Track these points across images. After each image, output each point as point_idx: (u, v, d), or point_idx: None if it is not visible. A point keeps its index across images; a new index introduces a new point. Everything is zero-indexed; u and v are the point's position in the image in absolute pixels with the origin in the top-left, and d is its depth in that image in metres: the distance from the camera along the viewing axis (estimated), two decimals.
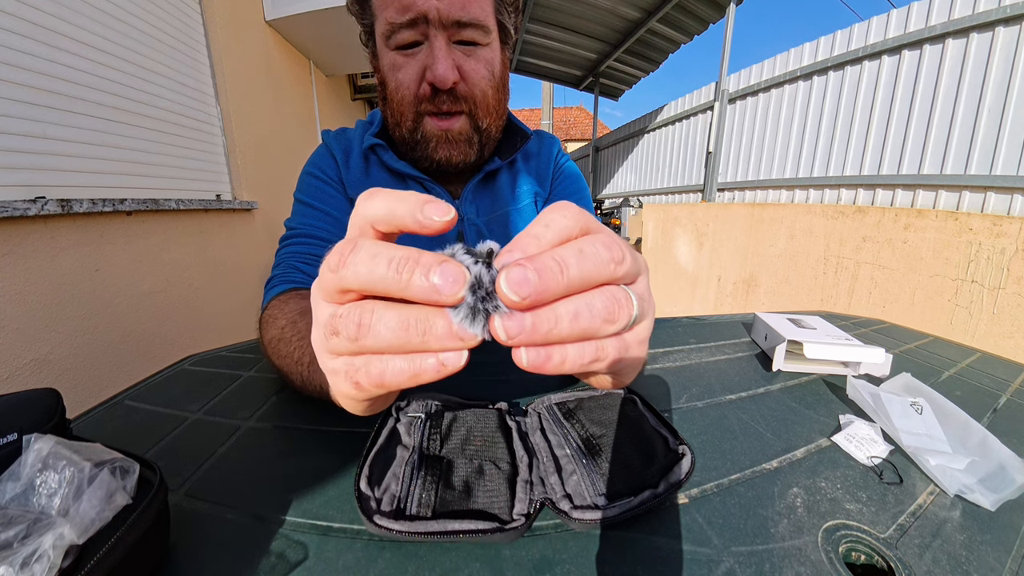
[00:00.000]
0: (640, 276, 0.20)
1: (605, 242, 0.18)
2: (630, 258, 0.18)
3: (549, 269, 0.16)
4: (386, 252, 0.16)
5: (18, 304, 1.24)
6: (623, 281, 0.19)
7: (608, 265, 0.17)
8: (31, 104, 1.30)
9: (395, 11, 0.50)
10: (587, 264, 0.17)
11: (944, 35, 2.00)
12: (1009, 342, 1.68)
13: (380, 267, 0.16)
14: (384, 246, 0.17)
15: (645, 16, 4.28)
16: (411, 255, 0.16)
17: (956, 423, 0.41)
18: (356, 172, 0.63)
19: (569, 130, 16.70)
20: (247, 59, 2.56)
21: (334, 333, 0.18)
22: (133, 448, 0.30)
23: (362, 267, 0.16)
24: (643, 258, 0.21)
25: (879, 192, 2.34)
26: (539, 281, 0.16)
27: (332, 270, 0.17)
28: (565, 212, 0.18)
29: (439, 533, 0.27)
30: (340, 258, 0.17)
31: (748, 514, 0.32)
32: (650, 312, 0.21)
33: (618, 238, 0.19)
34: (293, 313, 0.43)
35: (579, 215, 0.18)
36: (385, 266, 0.16)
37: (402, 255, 0.16)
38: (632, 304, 0.18)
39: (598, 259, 0.17)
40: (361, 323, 0.17)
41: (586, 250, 0.17)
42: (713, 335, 0.72)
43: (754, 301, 3.02)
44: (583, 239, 0.18)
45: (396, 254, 0.16)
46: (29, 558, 0.19)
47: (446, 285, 0.15)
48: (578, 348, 0.18)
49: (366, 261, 0.16)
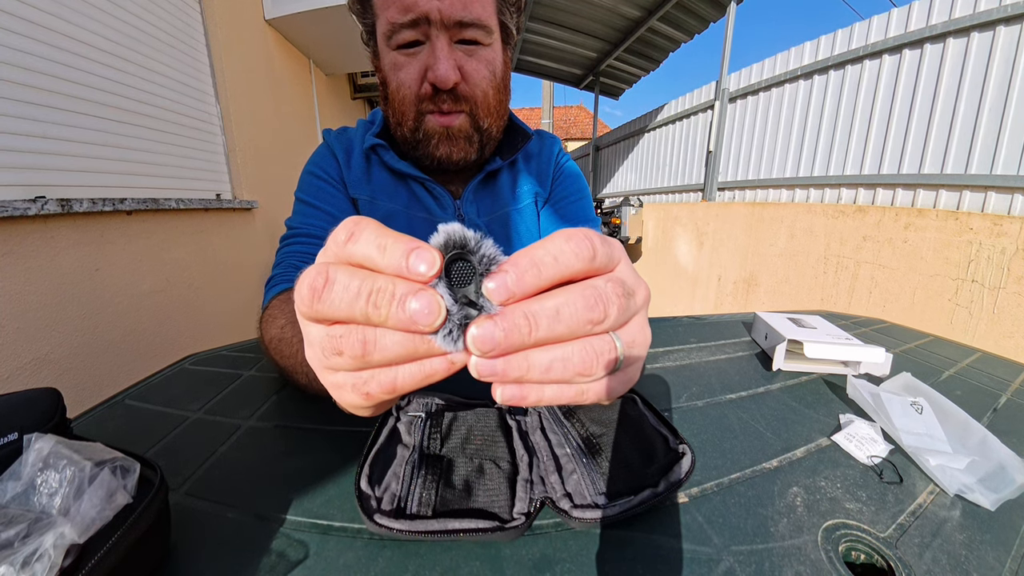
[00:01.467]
0: (634, 316, 0.19)
1: (593, 298, 0.17)
2: (615, 312, 0.17)
3: (517, 328, 0.16)
4: (360, 285, 0.16)
5: (18, 304, 1.24)
6: (609, 330, 0.18)
7: (584, 326, 0.17)
8: (31, 104, 1.30)
9: (397, 11, 0.50)
10: (559, 327, 0.16)
11: (945, 34, 2.00)
12: (1009, 342, 1.68)
13: (358, 303, 0.16)
14: (358, 276, 0.16)
15: (646, 15, 4.27)
16: (385, 286, 0.16)
17: (956, 423, 0.41)
18: (357, 171, 0.63)
19: (569, 129, 16.69)
20: (247, 58, 2.55)
21: (337, 353, 0.17)
22: (134, 447, 0.30)
23: (338, 302, 0.16)
24: (643, 293, 0.20)
25: (879, 191, 2.34)
26: (504, 340, 0.16)
27: (307, 305, 0.17)
28: (579, 250, 0.17)
29: (439, 532, 0.27)
30: (313, 293, 0.16)
31: (748, 513, 0.32)
32: (641, 352, 0.20)
33: (618, 285, 0.18)
34: (293, 312, 0.43)
35: (591, 255, 0.17)
36: (363, 302, 0.16)
37: (377, 287, 0.16)
38: (616, 351, 0.18)
39: (574, 320, 0.17)
40: (366, 340, 0.17)
41: (563, 312, 0.16)
42: (713, 334, 0.72)
43: (754, 300, 3.02)
44: (572, 292, 0.17)
45: (371, 286, 0.16)
46: (30, 557, 0.20)
47: (422, 317, 0.16)
48: (556, 389, 0.18)
49: (341, 296, 0.16)
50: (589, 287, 0.17)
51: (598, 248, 0.18)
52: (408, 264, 0.16)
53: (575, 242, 0.17)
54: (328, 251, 0.18)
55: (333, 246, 0.17)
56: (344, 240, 0.17)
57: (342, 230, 0.17)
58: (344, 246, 0.17)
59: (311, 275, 0.17)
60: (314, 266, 0.17)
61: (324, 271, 0.17)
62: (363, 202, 0.63)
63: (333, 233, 0.18)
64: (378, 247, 0.16)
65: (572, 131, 16.53)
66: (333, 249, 0.17)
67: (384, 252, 0.16)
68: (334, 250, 0.17)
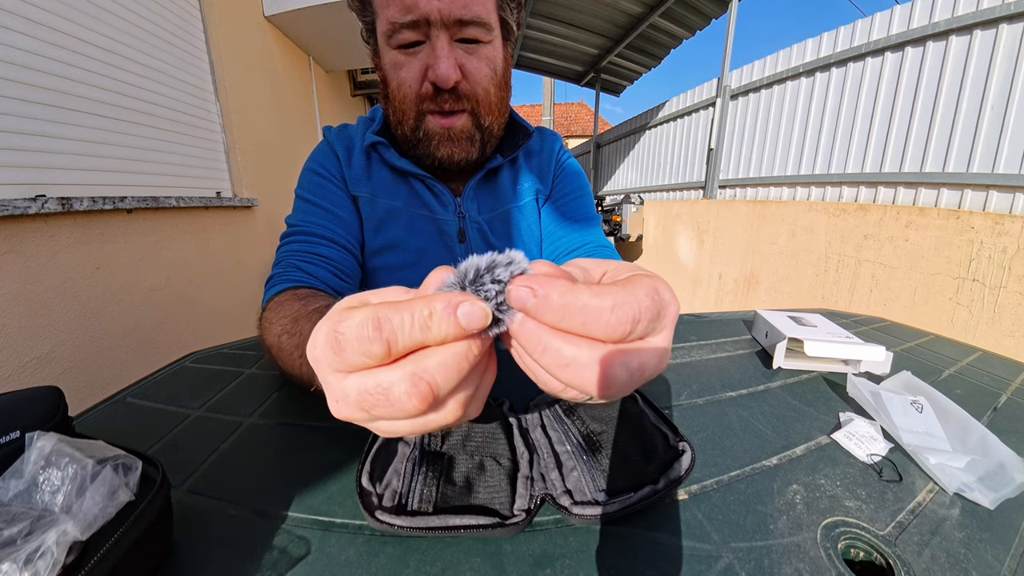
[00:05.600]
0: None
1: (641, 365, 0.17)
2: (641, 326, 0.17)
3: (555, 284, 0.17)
4: (411, 314, 0.16)
5: (19, 302, 1.25)
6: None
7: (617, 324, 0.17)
8: (31, 102, 1.30)
9: (397, 11, 0.49)
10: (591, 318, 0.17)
11: (947, 32, 1.99)
12: (1010, 341, 1.68)
13: (417, 328, 0.16)
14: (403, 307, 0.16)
15: (647, 11, 4.25)
16: (427, 303, 0.16)
17: (956, 421, 0.41)
18: (358, 169, 0.63)
19: (570, 126, 16.64)
20: (246, 55, 2.55)
21: (400, 410, 0.16)
22: (135, 445, 0.30)
23: (409, 336, 0.16)
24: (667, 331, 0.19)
25: (881, 190, 2.33)
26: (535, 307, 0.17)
27: (377, 357, 0.16)
28: (614, 328, 0.16)
29: (440, 528, 0.28)
30: (383, 346, 0.16)
31: (748, 510, 0.32)
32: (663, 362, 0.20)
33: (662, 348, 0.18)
34: (287, 320, 0.42)
35: (627, 332, 0.17)
36: (419, 329, 0.16)
37: (423, 303, 0.16)
38: None
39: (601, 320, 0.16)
40: (432, 383, 0.16)
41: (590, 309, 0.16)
42: (714, 332, 0.72)
43: (755, 298, 3.02)
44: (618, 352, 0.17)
45: (420, 311, 0.16)
46: (33, 555, 0.20)
47: (471, 322, 0.16)
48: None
49: (408, 328, 0.16)
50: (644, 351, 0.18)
51: (639, 327, 0.17)
52: (464, 326, 0.16)
53: (618, 315, 0.16)
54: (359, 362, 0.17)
55: (370, 359, 0.16)
56: (382, 353, 0.16)
57: (374, 344, 0.16)
58: (389, 355, 0.16)
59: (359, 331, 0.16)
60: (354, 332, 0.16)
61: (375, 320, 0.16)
62: (363, 199, 0.63)
63: (355, 347, 0.16)
64: (422, 327, 0.16)
65: (573, 128, 16.48)
66: (369, 361, 0.16)
67: (433, 325, 0.16)
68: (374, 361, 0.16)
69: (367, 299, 0.19)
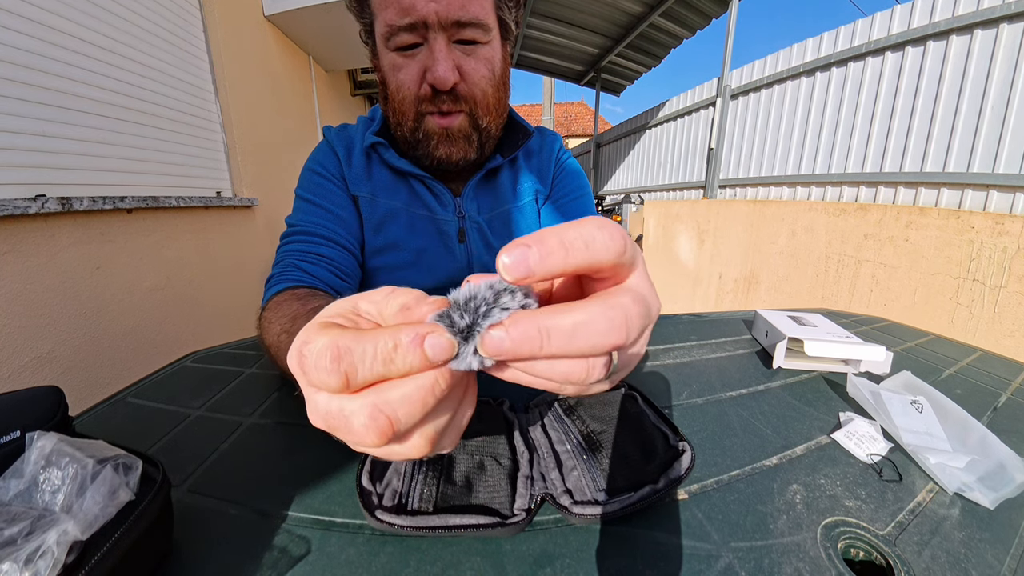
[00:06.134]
0: (644, 332, 0.18)
1: (620, 321, 0.16)
2: (635, 337, 0.16)
3: (529, 339, 0.15)
4: (373, 346, 0.16)
5: (19, 302, 1.25)
6: (629, 346, 0.17)
7: (600, 350, 0.16)
8: (30, 102, 1.30)
9: (394, 13, 0.49)
10: (572, 347, 0.15)
11: (948, 31, 1.99)
12: (1010, 341, 1.68)
13: (379, 362, 0.15)
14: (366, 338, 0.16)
15: (647, 10, 4.25)
16: (392, 335, 0.16)
17: (956, 421, 0.41)
18: (358, 169, 0.63)
19: (570, 126, 16.63)
20: (246, 55, 2.54)
21: (359, 441, 0.16)
22: (136, 445, 0.30)
23: (370, 369, 0.15)
24: (656, 308, 0.18)
25: (881, 189, 2.33)
26: (512, 348, 0.15)
27: (334, 389, 0.16)
28: (611, 243, 0.16)
29: (440, 528, 0.28)
30: (340, 378, 0.15)
31: (747, 510, 0.32)
32: (636, 363, 0.19)
33: (642, 305, 0.17)
34: (286, 320, 0.42)
35: (621, 250, 0.16)
36: (381, 362, 0.15)
37: (388, 334, 0.16)
38: (609, 370, 0.17)
39: (590, 343, 0.15)
40: (391, 418, 0.15)
41: (579, 333, 0.15)
42: (714, 332, 0.72)
43: (755, 298, 3.02)
44: (593, 310, 0.16)
45: (384, 343, 0.16)
46: (33, 554, 0.20)
47: (438, 355, 0.16)
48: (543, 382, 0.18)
49: (368, 361, 0.15)
50: (617, 308, 0.16)
51: (628, 244, 0.17)
52: (430, 358, 0.15)
53: (608, 232, 0.16)
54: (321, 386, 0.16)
55: (328, 390, 0.16)
56: (339, 385, 0.15)
57: (331, 376, 0.15)
58: (347, 388, 0.16)
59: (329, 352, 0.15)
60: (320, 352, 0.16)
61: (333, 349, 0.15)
62: (363, 199, 0.63)
63: (314, 376, 0.16)
64: (384, 360, 0.15)
65: (573, 128, 16.48)
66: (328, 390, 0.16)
67: (397, 358, 0.15)
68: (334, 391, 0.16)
69: (356, 304, 0.19)
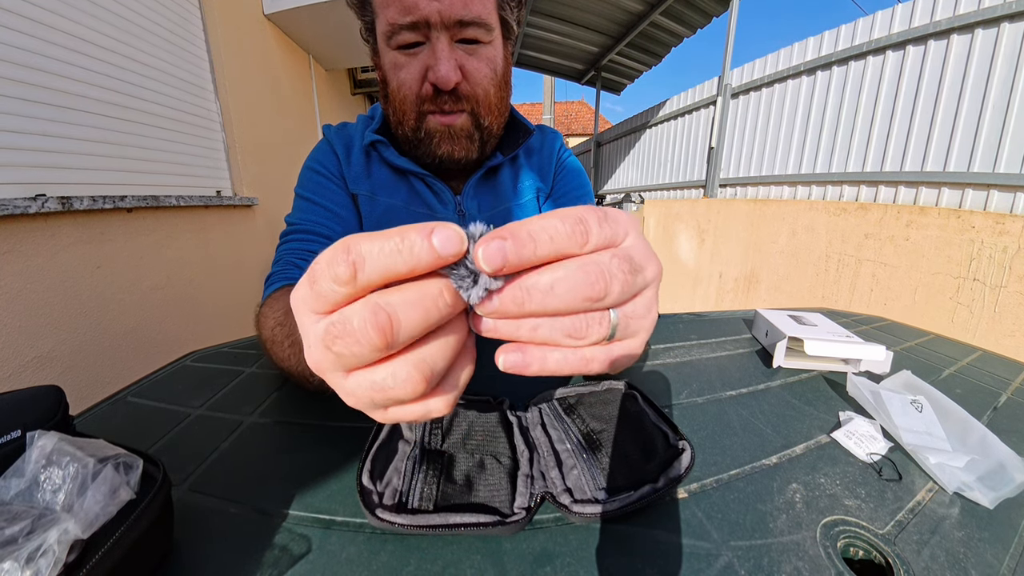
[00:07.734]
0: (642, 292, 0.19)
1: (595, 275, 0.17)
2: (618, 289, 0.17)
3: (524, 245, 0.16)
4: (382, 239, 0.16)
5: (19, 302, 1.25)
6: (610, 308, 0.18)
7: (582, 303, 0.17)
8: (30, 101, 1.30)
9: (396, 12, 0.49)
10: (554, 302, 0.17)
11: (948, 31, 1.98)
12: (1010, 341, 1.68)
13: (386, 253, 0.15)
14: (371, 237, 0.16)
15: (648, 9, 4.24)
16: (401, 232, 0.16)
17: (956, 421, 0.41)
18: (357, 167, 0.63)
19: (571, 125, 16.61)
20: (246, 54, 2.54)
21: (356, 343, 0.15)
22: (136, 444, 0.30)
23: (377, 259, 0.15)
24: (653, 268, 0.19)
25: (882, 189, 2.33)
26: (514, 256, 0.16)
27: (342, 281, 0.15)
28: (572, 234, 0.17)
29: (441, 526, 0.28)
30: (348, 268, 0.15)
31: (747, 509, 0.32)
32: (642, 325, 0.20)
33: (625, 260, 0.17)
34: (280, 313, 0.43)
35: (583, 241, 0.17)
36: (388, 253, 0.15)
37: (397, 232, 0.16)
38: (609, 323, 0.18)
39: (570, 297, 0.17)
40: (392, 316, 0.15)
41: (559, 287, 0.16)
42: (714, 331, 0.72)
43: (755, 298, 3.02)
44: (570, 267, 0.17)
45: (395, 235, 0.16)
46: (34, 553, 0.20)
47: (445, 247, 0.15)
48: (559, 358, 0.18)
49: (376, 252, 0.15)
50: (591, 263, 0.17)
51: (592, 231, 0.17)
52: (438, 250, 0.15)
53: (569, 224, 0.17)
54: (327, 293, 0.16)
55: (336, 286, 0.16)
56: (347, 276, 0.15)
57: (339, 266, 0.15)
58: (354, 280, 0.15)
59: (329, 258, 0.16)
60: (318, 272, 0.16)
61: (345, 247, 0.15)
62: (363, 198, 0.63)
63: (324, 273, 0.16)
64: (392, 251, 0.15)
65: (573, 127, 16.46)
66: (336, 289, 0.16)
67: (404, 249, 0.15)
68: (341, 291, 0.16)
69: None
